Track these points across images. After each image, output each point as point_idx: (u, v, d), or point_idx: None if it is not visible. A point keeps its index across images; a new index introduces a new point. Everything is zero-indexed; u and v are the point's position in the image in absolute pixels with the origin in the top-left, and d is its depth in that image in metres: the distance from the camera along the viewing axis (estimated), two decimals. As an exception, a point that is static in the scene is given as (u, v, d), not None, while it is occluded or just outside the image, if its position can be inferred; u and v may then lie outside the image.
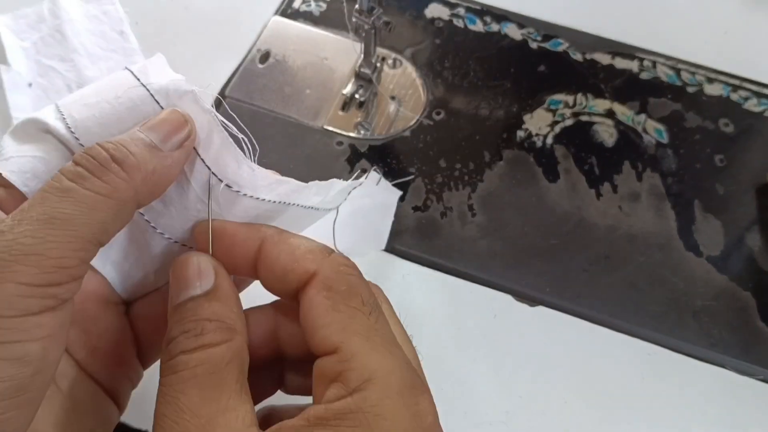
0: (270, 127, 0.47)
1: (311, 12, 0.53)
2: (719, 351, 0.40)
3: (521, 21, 0.54)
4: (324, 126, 0.48)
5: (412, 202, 0.44)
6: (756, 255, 0.43)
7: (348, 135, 0.47)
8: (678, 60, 0.52)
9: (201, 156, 0.24)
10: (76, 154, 0.22)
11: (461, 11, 0.54)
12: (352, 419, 0.21)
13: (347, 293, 0.23)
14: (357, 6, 0.43)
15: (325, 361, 0.23)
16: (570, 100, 0.50)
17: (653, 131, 0.48)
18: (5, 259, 0.19)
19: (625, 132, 0.48)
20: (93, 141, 0.23)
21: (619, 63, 0.52)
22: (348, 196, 0.32)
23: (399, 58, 0.51)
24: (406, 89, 0.50)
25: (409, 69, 0.51)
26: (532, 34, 0.53)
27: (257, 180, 0.25)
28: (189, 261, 0.24)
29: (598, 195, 0.45)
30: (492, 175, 0.46)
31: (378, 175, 0.41)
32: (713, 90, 0.51)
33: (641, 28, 0.53)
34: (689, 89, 0.51)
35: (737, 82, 0.51)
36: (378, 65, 0.49)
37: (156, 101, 0.24)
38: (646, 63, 0.52)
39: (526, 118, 0.48)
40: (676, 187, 0.46)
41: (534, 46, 0.52)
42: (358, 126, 0.48)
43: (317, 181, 0.28)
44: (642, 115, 0.49)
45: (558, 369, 0.39)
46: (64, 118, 0.24)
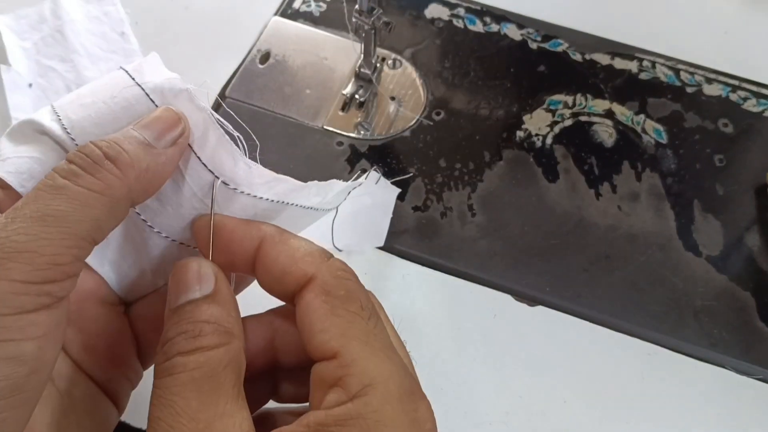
0: (270, 127, 0.47)
1: (311, 12, 0.53)
2: (719, 351, 0.40)
3: (521, 21, 0.54)
4: (324, 126, 0.48)
5: (412, 202, 0.44)
6: (755, 255, 0.43)
7: (348, 135, 0.47)
8: (677, 60, 0.52)
9: (197, 154, 0.24)
10: (69, 153, 0.22)
11: (461, 11, 0.54)
12: (352, 425, 0.21)
13: (345, 298, 0.23)
14: (357, 6, 0.43)
15: (324, 366, 0.22)
16: (569, 100, 0.50)
17: (652, 131, 0.48)
18: None
19: (625, 132, 0.48)
20: (89, 141, 0.23)
21: (619, 63, 0.52)
22: (347, 195, 0.32)
23: (399, 58, 0.51)
24: (406, 89, 0.50)
25: (409, 69, 0.51)
26: (531, 34, 0.53)
27: (254, 177, 0.25)
28: (189, 265, 0.24)
29: (597, 195, 0.45)
30: (492, 175, 0.46)
31: (378, 174, 0.42)
32: (712, 90, 0.51)
33: (641, 28, 0.54)
34: (688, 89, 0.51)
35: (736, 82, 0.51)
36: (378, 65, 0.49)
37: (151, 100, 0.24)
38: (645, 63, 0.52)
39: (525, 118, 0.49)
40: (675, 187, 0.46)
41: (534, 46, 0.52)
42: (358, 126, 0.48)
43: (316, 182, 0.27)
44: (641, 116, 0.49)
45: (558, 369, 0.39)
46: (60, 119, 0.24)
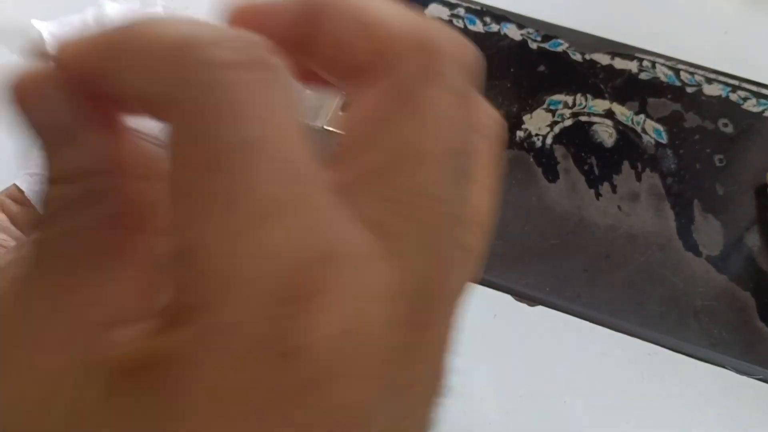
0: (270, 127, 0.47)
1: (311, 12, 0.53)
2: (719, 351, 0.40)
3: (521, 21, 0.54)
4: (324, 126, 0.48)
5: (411, 202, 0.44)
6: (755, 255, 0.43)
7: (348, 135, 0.47)
8: (677, 60, 0.52)
9: None
10: None
11: (461, 11, 0.54)
12: None
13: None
14: (357, 6, 0.43)
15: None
16: (569, 100, 0.50)
17: (652, 131, 0.48)
18: None
19: (625, 132, 0.48)
20: None
21: (619, 63, 0.52)
22: None
23: (399, 58, 0.51)
24: (405, 89, 0.50)
25: (409, 69, 0.51)
26: (531, 34, 0.53)
27: None
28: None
29: (597, 195, 0.45)
30: (492, 175, 0.46)
31: None
32: (712, 90, 0.51)
33: (641, 28, 0.54)
34: (688, 89, 0.51)
35: (736, 82, 0.51)
36: (378, 65, 0.49)
37: None
38: (645, 63, 0.52)
39: (525, 118, 0.48)
40: (675, 187, 0.46)
41: (534, 46, 0.52)
42: (357, 126, 0.48)
43: None
44: (641, 116, 0.49)
45: (558, 369, 0.39)
46: None
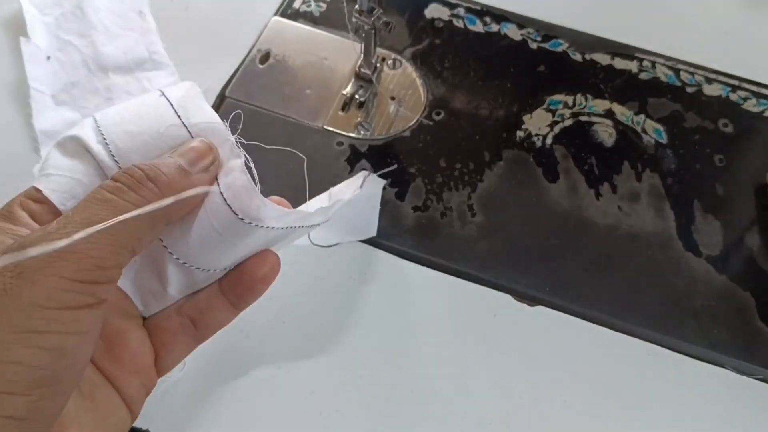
0: (270, 127, 0.47)
1: (311, 12, 0.53)
2: (719, 351, 0.40)
3: (521, 21, 0.54)
4: (324, 126, 0.48)
5: (412, 202, 0.44)
6: (755, 255, 0.43)
7: (348, 135, 0.47)
8: (677, 60, 0.52)
9: (223, 194, 0.27)
10: (115, 173, 0.25)
11: (461, 11, 0.54)
12: None
13: None
14: (357, 6, 0.43)
15: None
16: (569, 100, 0.50)
17: (652, 131, 0.48)
18: (51, 255, 0.21)
19: (625, 132, 0.48)
20: (131, 164, 0.26)
21: (619, 63, 0.52)
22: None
23: (399, 58, 0.51)
24: (406, 89, 0.50)
25: (409, 69, 0.51)
26: (531, 34, 0.53)
27: (268, 213, 0.27)
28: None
29: (597, 195, 0.45)
30: (492, 175, 0.46)
31: (365, 172, 0.43)
32: (712, 90, 0.51)
33: (641, 28, 0.54)
34: (688, 89, 0.51)
35: (736, 82, 0.51)
36: (378, 65, 0.49)
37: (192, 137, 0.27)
38: (645, 63, 0.52)
39: (525, 118, 0.49)
40: (675, 187, 0.46)
41: (534, 46, 0.52)
42: (358, 126, 0.48)
43: (321, 207, 0.31)
44: (641, 116, 0.49)
45: (558, 369, 0.39)
46: (107, 143, 0.26)
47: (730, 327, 0.41)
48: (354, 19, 0.44)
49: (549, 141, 0.47)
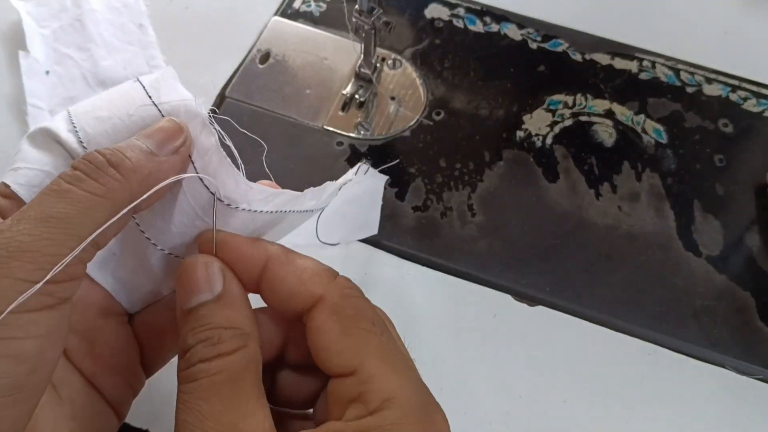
0: (270, 127, 0.47)
1: (311, 12, 0.53)
2: (719, 351, 0.40)
3: (521, 21, 0.54)
4: (324, 126, 0.48)
5: (412, 201, 0.44)
6: (755, 255, 0.43)
7: (348, 135, 0.47)
8: (677, 60, 0.52)
9: (199, 173, 0.25)
10: (75, 161, 0.23)
11: (461, 11, 0.54)
12: None
13: (356, 316, 0.24)
14: (357, 6, 0.43)
15: (342, 383, 0.23)
16: (569, 100, 0.50)
17: (652, 131, 0.48)
18: (2, 256, 0.20)
19: (625, 132, 0.48)
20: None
21: (619, 63, 0.52)
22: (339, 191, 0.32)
23: (399, 58, 0.51)
24: (406, 89, 0.50)
25: (409, 69, 0.51)
26: (531, 34, 0.53)
27: (254, 195, 0.26)
28: (196, 264, 0.24)
29: (597, 195, 0.45)
30: (492, 175, 0.46)
31: (366, 166, 0.42)
32: (712, 90, 0.51)
33: (641, 28, 0.54)
34: (688, 89, 0.51)
35: (736, 82, 0.51)
36: (378, 65, 0.49)
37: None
38: (645, 63, 0.52)
39: (525, 118, 0.49)
40: (675, 187, 0.46)
41: (534, 46, 0.52)
42: (358, 126, 0.48)
43: (311, 188, 0.28)
44: (641, 116, 0.49)
45: (558, 369, 0.39)
46: (76, 131, 0.25)
47: (730, 327, 0.41)
48: (354, 19, 0.44)
49: (549, 141, 0.47)
